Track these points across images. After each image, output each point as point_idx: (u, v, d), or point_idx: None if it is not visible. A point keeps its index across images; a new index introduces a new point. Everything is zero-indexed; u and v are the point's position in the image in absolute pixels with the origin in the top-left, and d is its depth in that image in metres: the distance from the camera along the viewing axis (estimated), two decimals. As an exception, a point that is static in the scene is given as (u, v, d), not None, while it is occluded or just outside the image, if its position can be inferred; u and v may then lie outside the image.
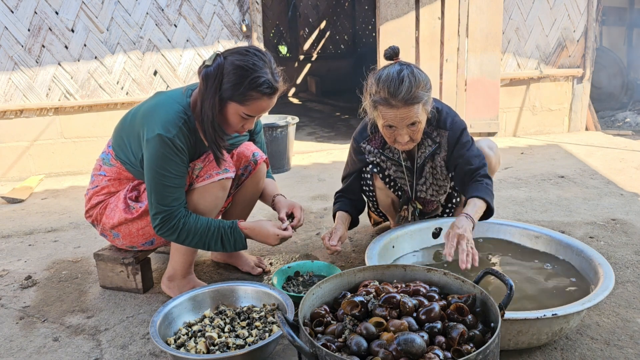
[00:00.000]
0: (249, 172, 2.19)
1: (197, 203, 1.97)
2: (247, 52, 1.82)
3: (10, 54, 4.08)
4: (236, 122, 1.87)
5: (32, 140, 4.30)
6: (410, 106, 1.93)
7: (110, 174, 2.06)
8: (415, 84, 1.92)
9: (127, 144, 1.97)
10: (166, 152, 1.82)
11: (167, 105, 1.87)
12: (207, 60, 1.81)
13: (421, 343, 1.20)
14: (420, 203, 2.34)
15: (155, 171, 1.84)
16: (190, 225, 1.89)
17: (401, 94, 1.91)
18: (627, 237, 2.57)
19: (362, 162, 2.29)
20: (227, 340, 1.66)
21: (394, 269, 1.59)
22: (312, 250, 2.60)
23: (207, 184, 1.95)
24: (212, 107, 1.81)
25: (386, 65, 2.02)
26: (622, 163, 4.02)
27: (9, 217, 3.33)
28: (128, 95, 4.36)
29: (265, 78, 1.79)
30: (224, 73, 1.79)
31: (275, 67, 1.87)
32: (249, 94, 1.79)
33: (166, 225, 1.88)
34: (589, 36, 5.07)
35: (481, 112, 4.76)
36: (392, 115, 1.96)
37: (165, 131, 1.81)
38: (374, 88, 1.99)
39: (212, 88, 1.80)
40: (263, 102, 1.84)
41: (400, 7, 4.49)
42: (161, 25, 4.29)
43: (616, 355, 1.65)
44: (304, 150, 5.00)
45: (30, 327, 1.98)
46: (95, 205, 2.10)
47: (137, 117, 1.92)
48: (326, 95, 8.86)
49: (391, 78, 1.93)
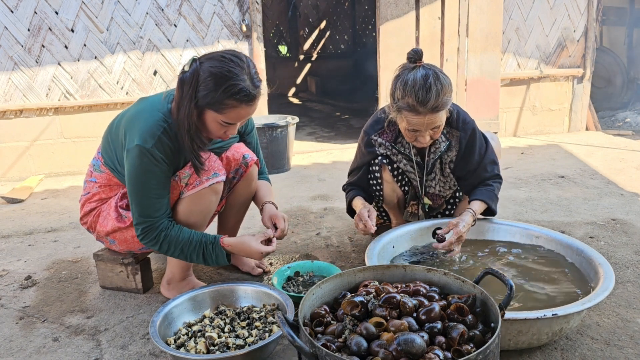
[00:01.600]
0: (240, 174, 2.16)
1: (190, 211, 1.95)
2: (223, 58, 1.74)
3: (10, 53, 4.08)
4: (216, 129, 1.81)
5: (32, 140, 4.30)
6: (436, 113, 1.95)
7: (101, 180, 2.05)
8: (442, 91, 1.93)
9: (113, 151, 1.95)
10: (144, 164, 1.79)
11: (147, 113, 1.83)
12: (186, 65, 1.75)
13: (421, 343, 1.20)
14: (429, 198, 2.35)
15: (135, 182, 1.82)
16: (171, 237, 1.87)
17: (429, 103, 1.92)
18: (627, 237, 2.57)
19: (372, 155, 2.29)
20: (227, 341, 1.66)
21: (394, 269, 1.59)
22: (312, 250, 2.59)
23: (198, 191, 1.92)
24: (189, 115, 1.75)
25: (408, 67, 2.00)
26: (622, 163, 4.02)
27: (8, 217, 3.33)
28: (128, 95, 4.36)
29: (242, 86, 1.72)
30: (199, 80, 1.72)
31: (254, 71, 1.79)
32: (225, 102, 1.73)
33: (148, 237, 1.87)
34: (589, 36, 5.07)
35: (481, 112, 4.75)
36: (418, 121, 1.98)
37: (143, 142, 1.77)
38: (399, 93, 1.98)
39: (187, 95, 1.73)
40: (241, 110, 1.77)
41: (400, 7, 4.49)
42: (161, 25, 4.29)
43: (616, 355, 1.65)
44: (304, 150, 5.00)
45: (30, 327, 1.98)
46: (89, 213, 2.10)
47: (121, 125, 1.89)
48: (326, 95, 8.86)
49: (418, 85, 1.92)
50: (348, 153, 4.62)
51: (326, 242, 2.68)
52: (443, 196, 2.36)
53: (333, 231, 2.84)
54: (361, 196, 2.33)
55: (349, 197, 2.37)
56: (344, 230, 2.83)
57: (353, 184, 2.40)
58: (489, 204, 2.18)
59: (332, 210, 3.18)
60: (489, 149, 2.27)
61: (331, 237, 2.75)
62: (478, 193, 2.21)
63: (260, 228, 2.92)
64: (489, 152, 2.27)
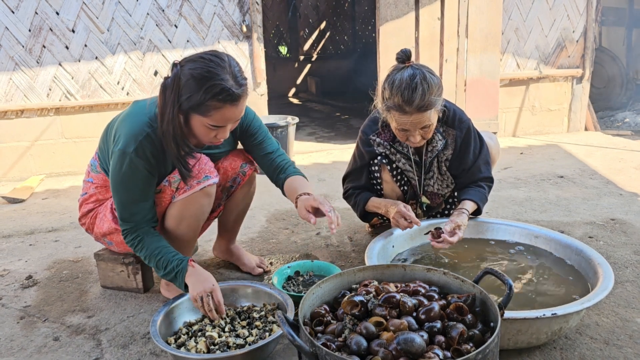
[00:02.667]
0: (238, 183, 2.16)
1: (181, 215, 1.94)
2: (202, 58, 1.69)
3: (11, 54, 4.09)
4: (205, 133, 1.76)
5: (33, 141, 4.30)
6: (423, 112, 1.96)
7: (97, 181, 2.05)
8: (429, 91, 1.94)
9: (107, 153, 1.95)
10: (125, 168, 1.78)
11: (134, 117, 1.81)
12: (169, 70, 1.72)
13: (421, 342, 1.21)
14: (427, 197, 2.36)
15: (116, 186, 1.83)
16: (143, 244, 1.85)
17: (415, 102, 1.93)
18: (626, 237, 2.58)
19: (370, 155, 2.29)
20: (228, 340, 1.67)
21: (394, 269, 1.59)
22: (312, 250, 2.60)
23: (189, 195, 1.90)
24: (172, 120, 1.71)
25: (398, 67, 2.02)
26: (621, 163, 4.03)
27: (9, 217, 3.34)
28: (129, 96, 4.36)
29: (223, 85, 1.65)
30: (181, 84, 1.67)
31: (238, 70, 1.73)
32: (208, 104, 1.67)
33: (127, 238, 1.88)
34: (588, 36, 5.08)
35: (481, 112, 4.76)
36: (405, 120, 1.99)
37: (125, 146, 1.76)
38: (387, 93, 2.00)
39: (170, 101, 1.69)
40: (226, 111, 1.70)
41: (400, 8, 4.50)
42: (162, 26, 4.30)
43: (615, 354, 1.65)
44: (304, 151, 5.00)
45: (31, 326, 1.99)
46: (87, 214, 2.10)
47: (114, 127, 1.89)
48: (326, 96, 8.86)
49: (405, 85, 1.93)
50: (348, 153, 4.61)
51: (326, 242, 2.69)
52: (441, 195, 2.37)
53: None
54: (373, 196, 2.31)
55: (362, 200, 2.32)
56: (344, 230, 2.83)
57: (358, 187, 2.37)
58: (480, 205, 2.22)
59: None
60: (484, 150, 2.28)
61: (331, 237, 2.76)
62: (471, 193, 2.23)
63: (260, 228, 2.93)
64: (484, 152, 2.28)
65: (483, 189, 2.25)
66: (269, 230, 2.89)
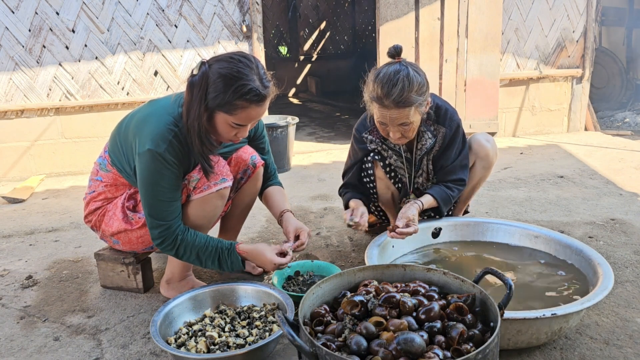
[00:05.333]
0: (247, 175, 2.17)
1: (196, 214, 1.95)
2: (231, 59, 1.74)
3: (11, 54, 4.09)
4: (226, 131, 1.81)
5: (33, 140, 4.30)
6: (401, 108, 1.97)
7: (107, 180, 2.05)
8: (409, 88, 1.95)
9: (122, 152, 1.95)
10: (157, 167, 1.79)
11: (158, 117, 1.83)
12: (195, 68, 1.76)
13: (421, 342, 1.21)
14: (417, 195, 2.36)
15: (148, 186, 1.82)
16: (187, 242, 1.87)
17: (393, 96, 1.95)
18: (626, 237, 2.58)
19: (364, 151, 2.31)
20: (228, 340, 1.67)
21: (394, 269, 1.59)
22: (312, 249, 2.60)
23: (205, 195, 1.92)
24: (198, 117, 1.75)
25: (388, 63, 2.04)
26: (621, 163, 4.03)
27: (9, 217, 3.34)
28: (129, 96, 4.36)
29: (251, 86, 1.72)
30: (209, 82, 1.72)
31: (264, 72, 1.79)
32: (235, 103, 1.72)
33: (166, 241, 1.86)
34: (588, 36, 5.08)
35: (480, 113, 4.76)
36: (384, 114, 2.01)
37: (155, 146, 1.77)
38: (371, 85, 2.03)
39: (197, 98, 1.73)
40: (251, 111, 1.77)
41: (400, 8, 4.50)
42: (162, 26, 4.30)
43: (615, 354, 1.65)
44: (304, 150, 5.01)
45: (31, 326, 1.99)
46: (94, 211, 2.10)
47: (131, 126, 1.89)
48: (326, 96, 8.86)
49: (387, 78, 1.96)
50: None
51: (326, 242, 2.69)
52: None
53: (333, 231, 2.84)
54: (356, 198, 2.34)
55: (346, 200, 2.37)
56: (344, 230, 2.83)
57: (348, 185, 2.41)
58: (440, 205, 2.22)
59: (332, 210, 3.19)
60: (465, 153, 2.30)
61: (331, 236, 2.76)
62: (435, 189, 2.24)
63: (260, 228, 2.93)
64: (464, 155, 2.29)
65: (450, 191, 2.25)
66: (269, 231, 2.90)
